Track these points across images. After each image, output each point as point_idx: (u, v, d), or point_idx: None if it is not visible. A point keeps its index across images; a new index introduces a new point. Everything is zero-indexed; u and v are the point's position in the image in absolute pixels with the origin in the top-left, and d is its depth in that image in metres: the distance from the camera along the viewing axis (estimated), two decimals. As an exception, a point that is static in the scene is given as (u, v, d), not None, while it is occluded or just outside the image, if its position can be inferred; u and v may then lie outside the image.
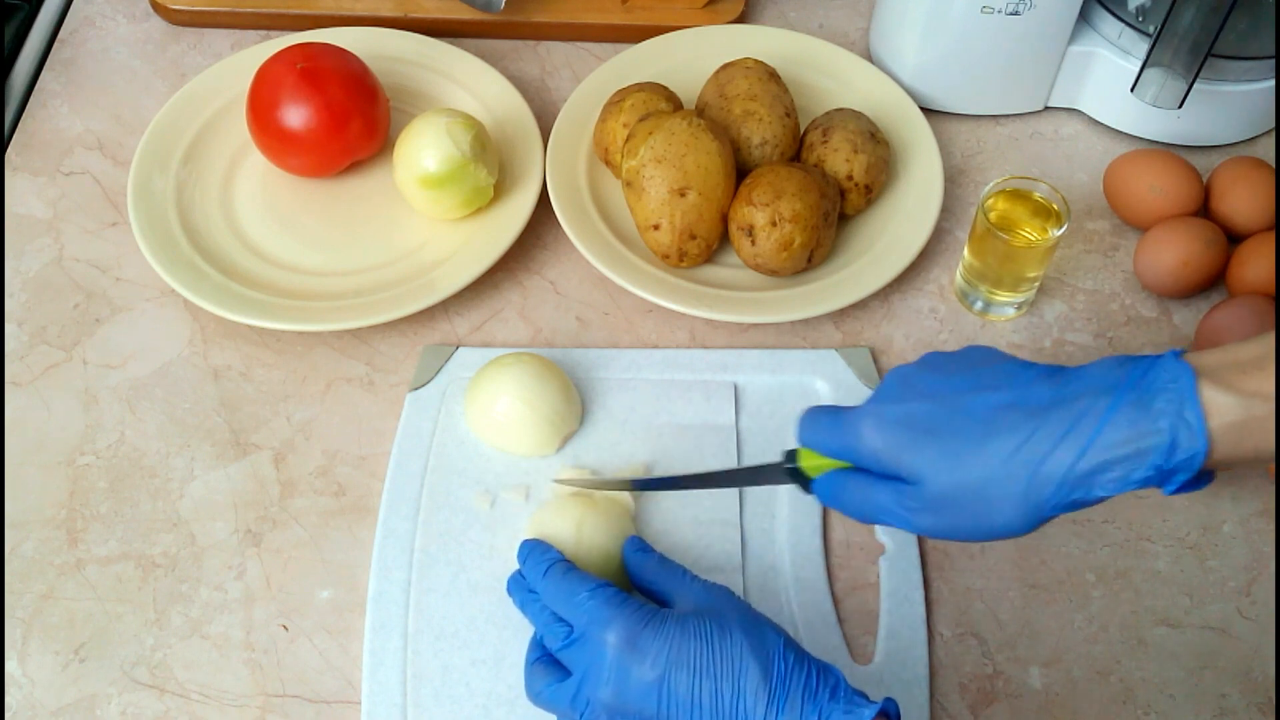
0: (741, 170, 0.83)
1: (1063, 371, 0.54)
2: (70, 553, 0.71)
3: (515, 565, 0.65)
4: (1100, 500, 0.51)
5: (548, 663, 0.60)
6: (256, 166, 0.88)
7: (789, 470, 0.60)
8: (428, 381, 0.77)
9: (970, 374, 0.55)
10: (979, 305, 0.83)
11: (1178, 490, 0.51)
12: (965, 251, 0.82)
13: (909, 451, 0.54)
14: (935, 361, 0.57)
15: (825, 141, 0.84)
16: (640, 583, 0.64)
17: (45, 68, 0.96)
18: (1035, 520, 0.52)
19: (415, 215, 0.85)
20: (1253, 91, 0.89)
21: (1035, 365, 0.55)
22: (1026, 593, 0.71)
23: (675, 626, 0.56)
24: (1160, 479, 0.50)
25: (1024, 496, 0.52)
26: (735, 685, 0.54)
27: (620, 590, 0.59)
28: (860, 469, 0.57)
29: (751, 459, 0.75)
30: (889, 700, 0.54)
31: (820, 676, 0.55)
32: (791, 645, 0.56)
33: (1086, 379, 0.52)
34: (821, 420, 0.58)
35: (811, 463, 0.59)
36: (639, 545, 0.65)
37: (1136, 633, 0.70)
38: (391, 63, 0.92)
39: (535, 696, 0.60)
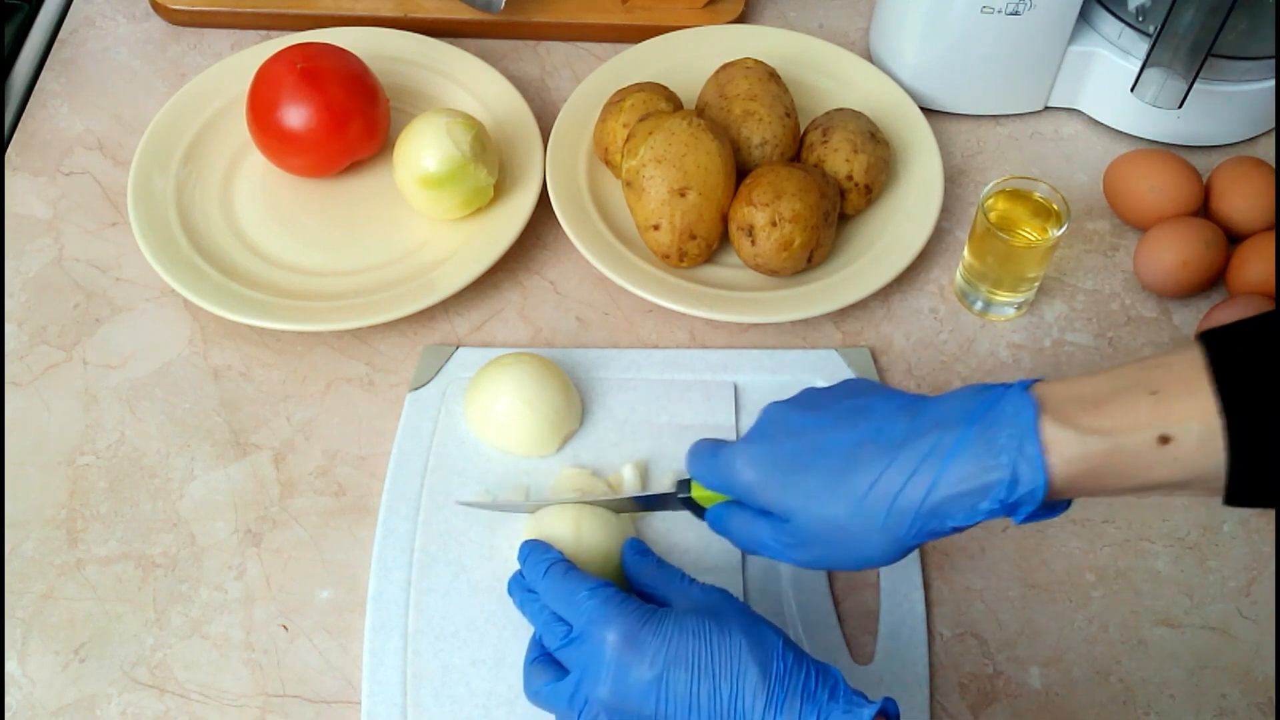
0: (741, 170, 0.83)
1: (920, 402, 0.56)
2: (70, 553, 0.71)
3: (515, 565, 0.65)
4: (957, 530, 0.53)
5: (546, 662, 0.60)
6: (256, 166, 0.88)
7: (683, 499, 0.63)
8: (428, 381, 0.77)
9: (837, 408, 0.57)
10: (979, 305, 0.83)
11: (1028, 519, 0.52)
12: (965, 251, 0.82)
13: (776, 490, 0.56)
14: (808, 398, 0.60)
15: (825, 141, 0.84)
16: (638, 585, 0.64)
17: (45, 68, 0.96)
18: (900, 550, 0.54)
19: (415, 215, 0.85)
20: (1253, 91, 0.89)
21: (898, 396, 0.57)
22: (1026, 593, 0.71)
23: (674, 625, 0.56)
24: (1007, 510, 0.52)
25: (883, 529, 0.54)
26: (734, 685, 0.54)
27: (620, 590, 0.59)
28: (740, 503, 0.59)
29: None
30: (888, 700, 0.54)
31: (819, 677, 0.55)
32: (790, 646, 0.56)
33: (940, 411, 0.54)
34: (703, 455, 0.61)
35: (703, 494, 0.62)
36: (638, 548, 0.65)
37: (1136, 633, 0.70)
38: (391, 63, 0.92)
39: (534, 696, 0.60)
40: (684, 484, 0.64)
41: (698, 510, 0.63)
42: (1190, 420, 0.49)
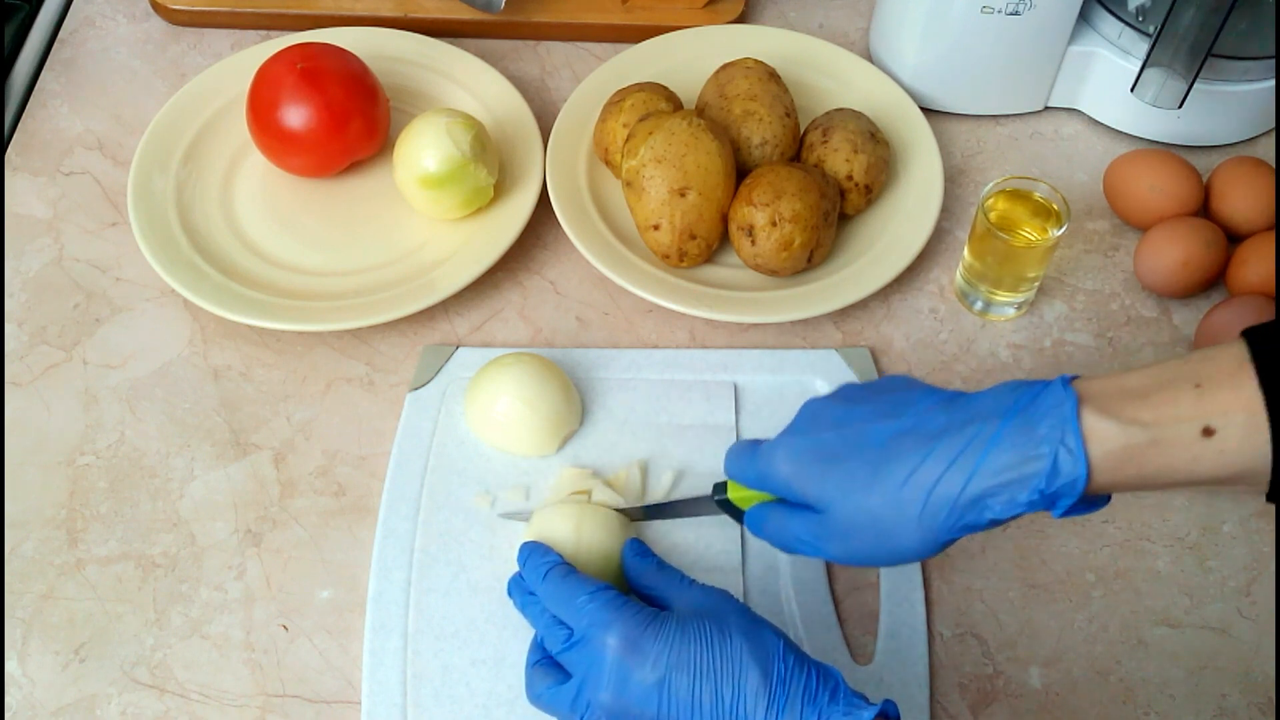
0: (741, 170, 0.83)
1: (960, 397, 0.56)
2: (70, 553, 0.71)
3: (515, 565, 0.65)
4: (995, 523, 0.53)
5: (548, 665, 0.60)
6: (256, 166, 0.88)
7: (720, 502, 0.63)
8: (428, 381, 0.77)
9: (875, 403, 0.57)
10: (979, 305, 0.83)
11: (1067, 513, 0.52)
12: (965, 251, 0.82)
13: (814, 480, 0.56)
14: (847, 393, 0.60)
15: (825, 141, 0.84)
16: (639, 586, 0.64)
17: (45, 68, 0.96)
18: (935, 544, 0.54)
19: (415, 215, 0.85)
20: (1253, 91, 0.89)
21: (938, 392, 0.57)
22: (1026, 593, 0.71)
23: (676, 629, 0.56)
24: (1046, 503, 0.51)
25: (919, 521, 0.53)
26: (735, 687, 0.54)
27: (620, 593, 0.59)
28: (780, 501, 0.59)
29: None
30: (888, 702, 0.54)
31: (820, 679, 0.55)
32: (791, 648, 0.56)
33: (980, 404, 0.54)
34: (741, 453, 0.61)
35: (740, 495, 0.62)
36: (638, 549, 0.65)
37: (1136, 633, 0.70)
38: (391, 63, 0.92)
39: (535, 699, 0.60)
40: (720, 486, 0.63)
41: (735, 513, 0.63)
42: (1234, 412, 0.49)
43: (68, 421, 0.76)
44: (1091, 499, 0.52)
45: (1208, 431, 0.49)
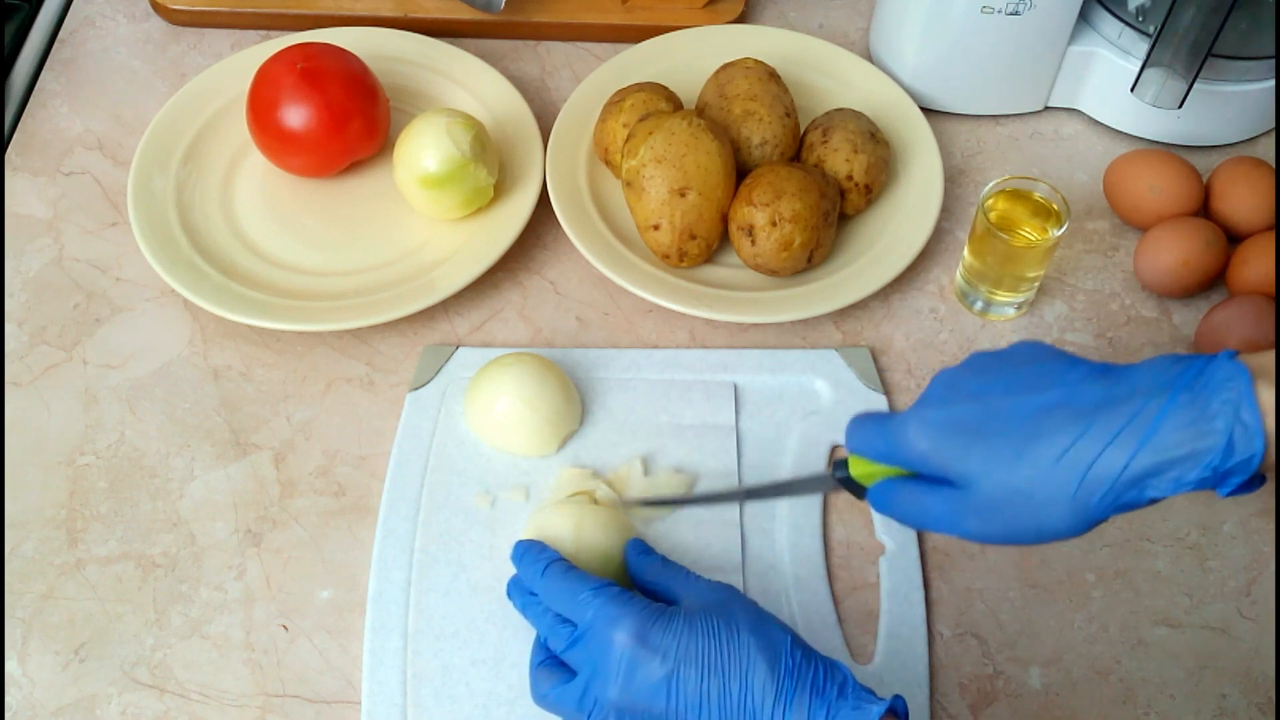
0: (741, 170, 0.83)
1: (1113, 370, 0.53)
2: (70, 553, 0.71)
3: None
4: (1153, 502, 0.50)
5: (553, 665, 0.59)
6: (256, 166, 0.88)
7: (841, 479, 0.60)
8: (428, 381, 0.77)
9: (1017, 374, 0.54)
10: (979, 305, 0.83)
11: (1234, 492, 0.50)
12: (965, 251, 0.82)
13: (956, 455, 0.53)
14: (981, 362, 0.57)
15: (825, 141, 0.84)
16: (644, 584, 0.64)
17: (45, 68, 0.96)
18: (1087, 522, 0.51)
19: (415, 215, 0.85)
20: (1253, 91, 0.89)
21: (1084, 363, 0.54)
22: (1026, 593, 0.71)
23: (683, 623, 0.56)
24: (1215, 480, 0.49)
25: (1074, 499, 0.51)
26: (744, 682, 0.54)
27: (624, 588, 0.59)
28: (911, 476, 0.56)
29: (751, 459, 0.74)
30: (897, 698, 0.54)
31: (828, 674, 0.55)
32: (799, 643, 0.56)
33: (1139, 378, 0.52)
34: (868, 426, 0.57)
35: (862, 470, 0.58)
36: (641, 548, 0.65)
37: (1136, 633, 0.70)
38: (391, 63, 0.92)
39: (541, 700, 0.59)
40: (842, 463, 0.60)
41: (857, 490, 0.60)
42: None
43: (68, 421, 0.76)
44: (1255, 478, 0.50)
45: None
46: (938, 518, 0.55)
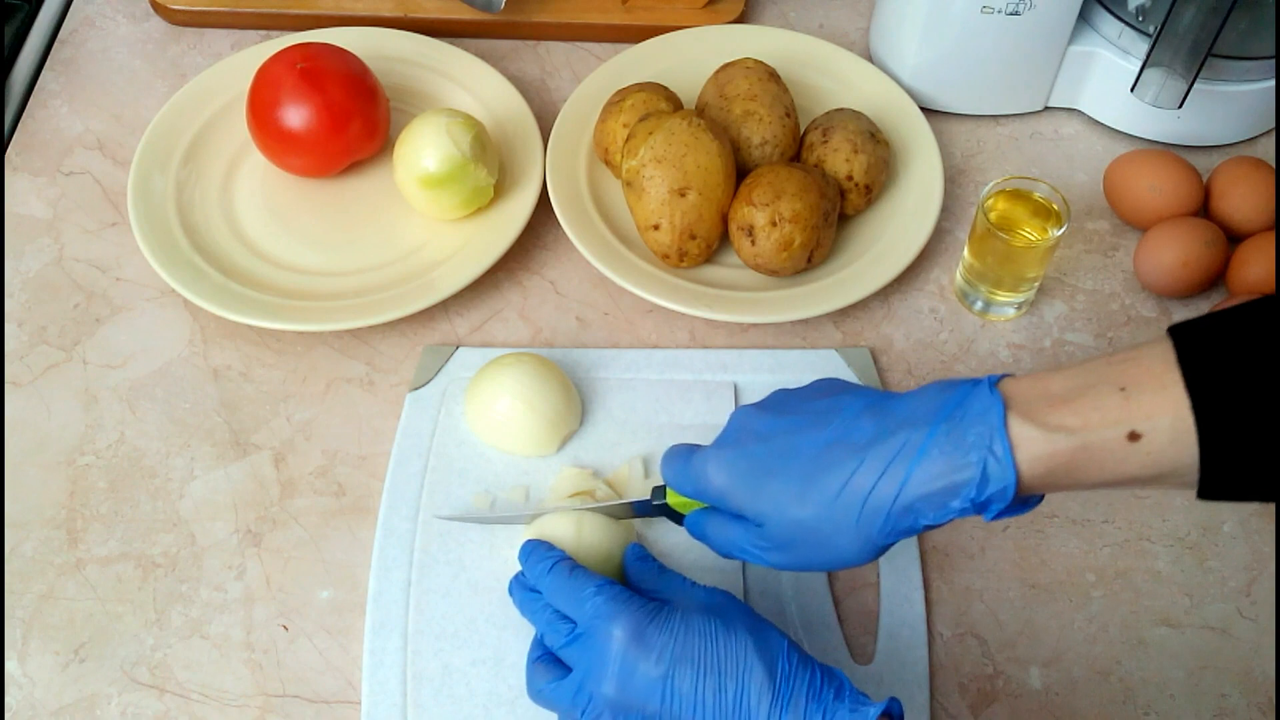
0: (741, 170, 0.83)
1: (887, 401, 0.56)
2: (70, 553, 0.71)
3: (515, 565, 0.65)
4: (929, 528, 0.53)
5: (549, 661, 0.60)
6: (256, 166, 0.88)
7: (659, 506, 0.64)
8: (428, 381, 0.77)
9: (802, 412, 0.57)
10: (979, 305, 0.83)
11: (998, 516, 0.52)
12: (965, 251, 0.82)
13: (747, 494, 0.56)
14: (775, 401, 0.60)
15: (825, 141, 0.84)
16: (642, 590, 0.63)
17: (45, 68, 0.96)
18: (873, 550, 0.54)
19: (415, 215, 0.85)
20: (1253, 91, 0.89)
21: (865, 395, 0.57)
22: (1026, 593, 0.71)
23: (681, 623, 0.56)
24: (977, 509, 0.52)
25: (856, 529, 0.54)
26: (739, 683, 0.54)
27: (625, 588, 0.59)
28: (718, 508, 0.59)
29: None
30: (893, 700, 0.54)
31: (825, 678, 0.55)
32: (795, 647, 0.56)
33: (908, 410, 0.54)
34: (676, 461, 0.61)
35: (679, 500, 0.62)
36: (640, 553, 0.65)
37: (1136, 633, 0.70)
38: (391, 63, 0.92)
39: (536, 695, 0.60)
40: (659, 490, 0.64)
41: (675, 517, 0.63)
42: (1160, 416, 0.49)
43: (68, 421, 0.76)
44: (1023, 500, 0.52)
45: (1133, 436, 0.49)
46: (743, 549, 0.58)
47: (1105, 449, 0.50)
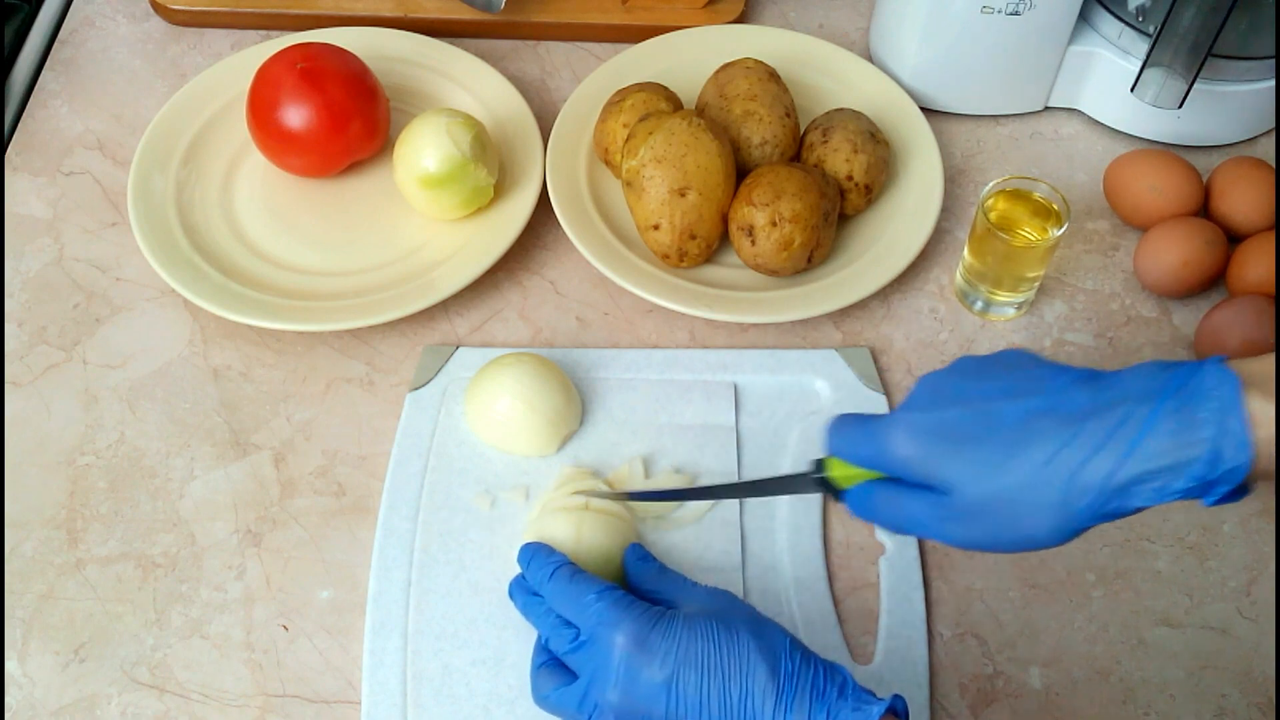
0: (741, 170, 0.83)
1: (1100, 376, 0.52)
2: (70, 553, 0.71)
3: (515, 565, 0.65)
4: (1138, 510, 0.50)
5: (554, 666, 0.59)
6: (256, 166, 0.88)
7: (818, 480, 0.59)
8: (428, 381, 0.77)
9: (1003, 379, 0.54)
10: (979, 305, 0.83)
11: (1218, 502, 0.49)
12: (965, 251, 0.82)
13: (940, 460, 0.53)
14: (967, 366, 0.56)
15: (825, 141, 0.84)
16: (642, 591, 0.63)
17: (45, 68, 0.96)
18: (1070, 530, 0.51)
19: (415, 215, 0.85)
20: (1253, 91, 0.89)
21: (1070, 369, 0.54)
22: (1026, 593, 0.71)
23: (683, 627, 0.56)
24: (1201, 490, 0.49)
25: (1058, 506, 0.50)
26: (743, 685, 0.54)
27: (627, 593, 0.59)
28: (891, 478, 0.55)
29: (751, 459, 0.75)
30: (897, 697, 0.54)
31: (828, 675, 0.55)
32: (798, 645, 0.56)
33: (1126, 385, 0.51)
34: (851, 428, 0.56)
35: (841, 472, 0.58)
36: (639, 554, 0.65)
37: (1136, 633, 0.70)
38: (391, 63, 0.92)
39: (542, 701, 0.60)
40: (819, 463, 0.59)
41: (834, 491, 0.59)
42: None
43: (68, 421, 0.76)
44: (1241, 487, 0.49)
45: None
46: (920, 522, 0.54)
47: None
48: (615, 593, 0.59)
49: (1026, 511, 0.51)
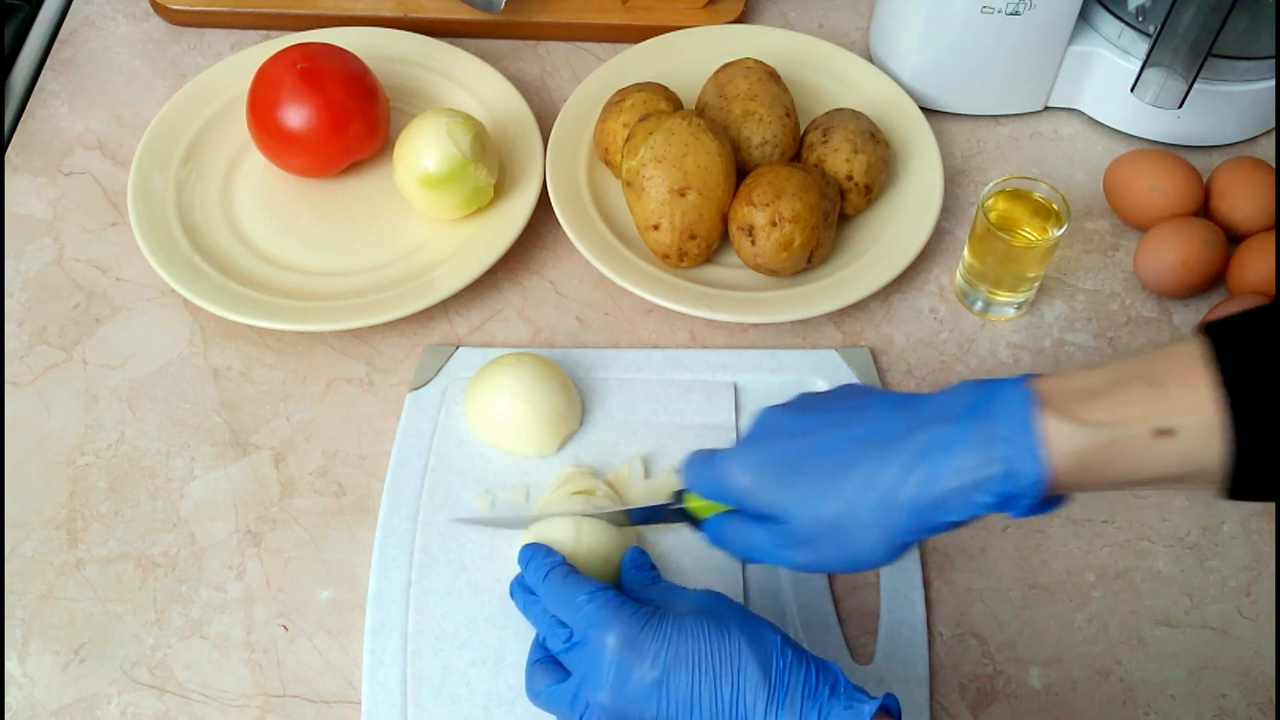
0: (741, 170, 0.83)
1: (913, 400, 0.56)
2: (70, 553, 0.71)
3: (515, 565, 0.65)
4: (955, 525, 0.53)
5: (548, 664, 0.60)
6: (256, 166, 0.88)
7: (677, 511, 0.63)
8: (428, 381, 0.77)
9: (833, 412, 0.57)
10: (979, 305, 0.83)
11: (1025, 514, 0.52)
12: (965, 251, 0.82)
13: (774, 491, 0.56)
14: (803, 402, 0.60)
15: (825, 141, 0.84)
16: (636, 598, 0.63)
17: (45, 68, 0.96)
18: (897, 547, 0.54)
19: (415, 215, 0.85)
20: (1253, 91, 0.89)
21: (891, 396, 0.57)
22: (1026, 593, 0.71)
23: (674, 627, 0.56)
24: (1004, 505, 0.51)
25: (881, 526, 0.53)
26: (734, 683, 0.54)
27: (619, 594, 0.59)
28: (738, 510, 0.59)
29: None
30: (889, 696, 0.54)
31: (819, 673, 0.55)
32: (789, 643, 0.56)
33: (937, 406, 0.54)
34: (699, 464, 0.60)
35: (698, 504, 0.62)
36: (636, 561, 0.65)
37: (1136, 633, 0.70)
38: (391, 63, 0.92)
39: (535, 697, 0.60)
40: (679, 495, 0.63)
41: (693, 522, 0.63)
42: (1190, 413, 0.49)
43: (68, 421, 0.76)
44: (1049, 499, 0.52)
45: (1163, 432, 0.49)
46: (764, 550, 0.58)
47: (1135, 444, 0.49)
48: (607, 594, 0.59)
49: (854, 533, 0.54)
